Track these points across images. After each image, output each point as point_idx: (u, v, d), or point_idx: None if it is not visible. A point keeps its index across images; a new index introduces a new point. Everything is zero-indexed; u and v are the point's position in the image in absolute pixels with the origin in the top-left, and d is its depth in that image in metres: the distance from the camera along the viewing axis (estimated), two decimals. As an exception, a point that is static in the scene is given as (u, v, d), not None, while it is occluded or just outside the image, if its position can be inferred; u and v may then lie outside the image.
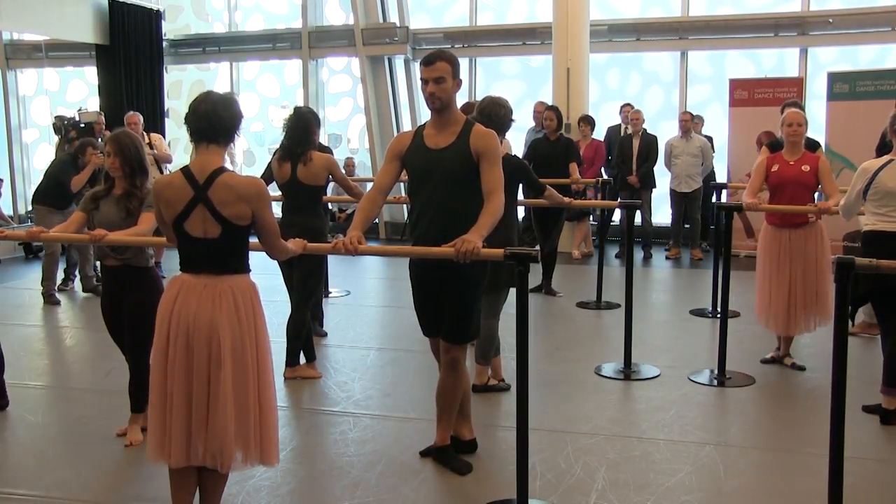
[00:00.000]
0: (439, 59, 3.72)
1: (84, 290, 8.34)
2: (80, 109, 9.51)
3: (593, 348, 6.31)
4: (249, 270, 3.26)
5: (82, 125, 8.68)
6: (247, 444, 3.14)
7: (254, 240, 3.37)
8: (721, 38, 11.40)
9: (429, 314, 3.98)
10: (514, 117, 5.04)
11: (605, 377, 5.53)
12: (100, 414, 4.76)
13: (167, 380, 3.14)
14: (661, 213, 11.04)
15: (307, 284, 5.52)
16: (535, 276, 8.19)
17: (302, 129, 5.41)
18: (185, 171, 3.16)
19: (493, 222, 3.61)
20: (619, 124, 10.77)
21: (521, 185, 5.47)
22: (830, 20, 10.83)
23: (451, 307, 3.88)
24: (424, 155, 3.81)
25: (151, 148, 9.16)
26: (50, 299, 7.99)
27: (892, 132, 4.72)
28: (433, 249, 3.64)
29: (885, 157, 4.72)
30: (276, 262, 5.40)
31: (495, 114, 4.85)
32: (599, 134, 10.54)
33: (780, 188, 5.47)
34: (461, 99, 4.58)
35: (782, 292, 5.47)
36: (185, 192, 3.12)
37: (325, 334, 6.59)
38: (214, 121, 3.12)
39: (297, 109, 5.66)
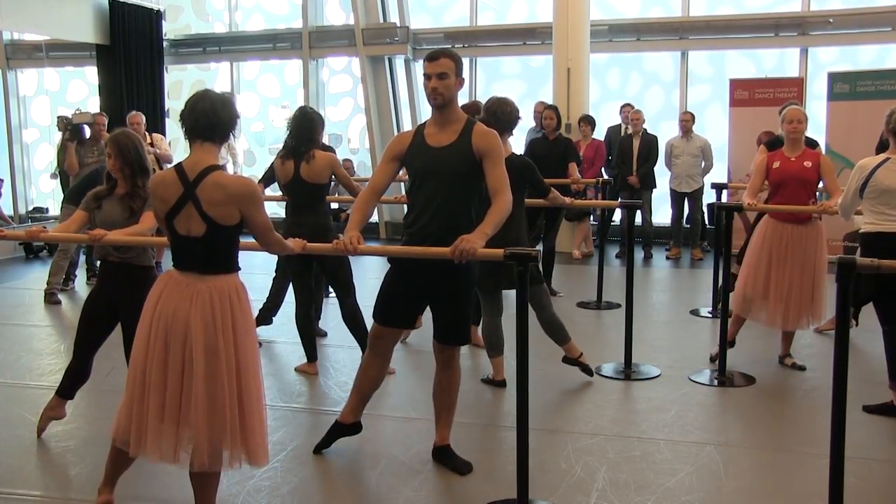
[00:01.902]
0: (443, 55, 3.74)
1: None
2: (76, 110, 9.52)
3: (593, 348, 6.29)
4: (237, 270, 3.24)
5: (70, 126, 8.67)
6: (226, 444, 3.13)
7: (252, 240, 3.38)
8: (721, 38, 11.41)
9: (400, 304, 3.93)
10: (520, 116, 5.07)
11: (606, 377, 5.53)
12: (100, 414, 4.76)
13: (145, 374, 3.15)
14: (662, 213, 11.04)
15: (340, 278, 5.63)
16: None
17: (306, 127, 5.43)
18: (178, 167, 3.17)
19: (500, 221, 3.61)
20: (620, 124, 10.77)
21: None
22: (830, 20, 10.83)
23: (444, 308, 3.88)
24: (426, 153, 3.81)
25: (153, 146, 9.16)
26: (51, 298, 7.99)
27: (888, 130, 4.72)
28: (431, 249, 3.64)
29: (882, 156, 4.72)
30: (283, 263, 5.41)
31: (502, 111, 4.88)
32: (600, 134, 10.53)
33: (781, 184, 5.46)
34: (462, 99, 4.58)
35: (782, 288, 5.47)
36: (176, 189, 3.13)
37: (325, 334, 6.59)
38: (213, 119, 3.13)
39: (301, 108, 5.68)
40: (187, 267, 3.17)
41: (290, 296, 5.82)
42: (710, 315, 7.18)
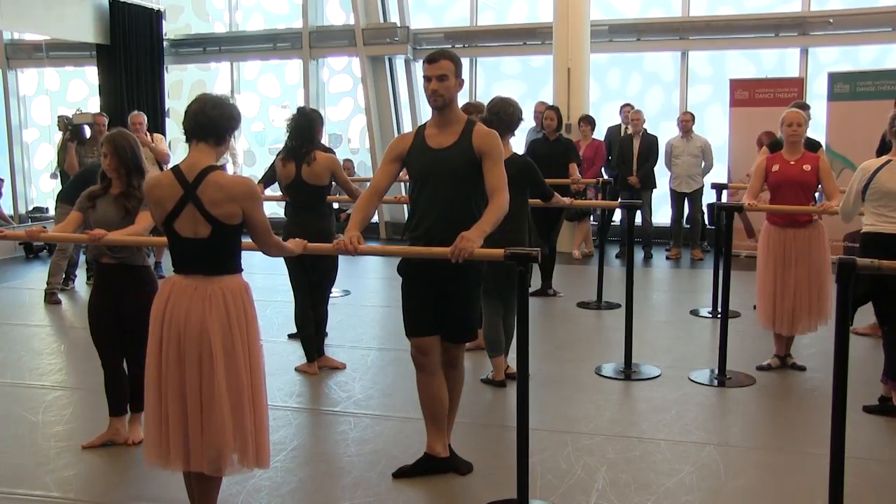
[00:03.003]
0: (443, 57, 3.73)
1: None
2: (77, 111, 9.52)
3: (593, 348, 6.31)
4: (241, 270, 3.26)
5: (71, 126, 8.67)
6: (244, 446, 3.14)
7: (250, 240, 3.38)
8: (721, 38, 11.40)
9: (424, 312, 3.90)
10: (523, 117, 5.07)
11: (606, 377, 5.53)
12: (100, 414, 4.75)
13: (161, 383, 3.15)
14: (662, 214, 11.04)
15: (323, 285, 5.70)
16: (534, 277, 8.19)
17: (306, 129, 5.44)
18: (175, 170, 3.18)
19: (498, 219, 3.61)
20: (620, 124, 10.76)
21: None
22: (831, 20, 10.83)
23: (451, 307, 3.87)
24: (427, 154, 3.81)
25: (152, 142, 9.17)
26: (51, 298, 7.99)
27: (892, 133, 4.73)
28: (433, 249, 3.64)
29: (884, 158, 4.72)
30: (281, 262, 5.44)
31: (504, 112, 4.89)
32: (600, 134, 10.53)
33: (780, 188, 5.46)
34: (462, 99, 4.58)
35: (788, 292, 5.46)
36: (175, 191, 3.13)
37: (326, 334, 6.58)
38: (202, 119, 3.15)
39: (300, 109, 5.68)
40: (192, 269, 3.17)
41: (290, 295, 5.81)
42: (710, 315, 7.18)
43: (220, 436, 3.08)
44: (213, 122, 3.16)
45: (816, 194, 5.74)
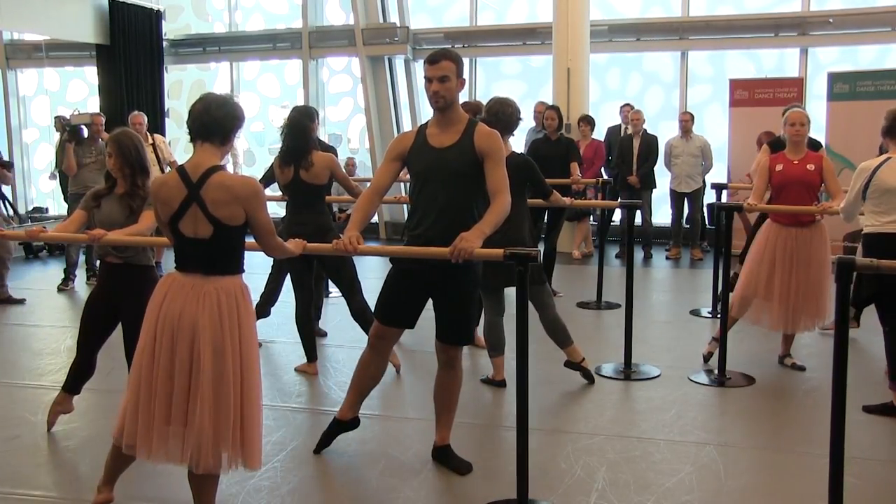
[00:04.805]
0: (444, 57, 3.72)
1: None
2: (75, 111, 9.51)
3: (593, 348, 6.29)
4: (241, 272, 3.26)
5: (68, 127, 8.66)
6: (227, 446, 3.14)
7: (251, 239, 3.38)
8: (721, 38, 11.42)
9: (403, 307, 3.92)
10: (521, 117, 5.07)
11: (606, 377, 5.53)
12: (100, 413, 4.76)
13: (151, 377, 3.15)
14: (662, 213, 11.05)
15: (343, 276, 5.60)
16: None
17: (298, 135, 5.43)
18: (181, 169, 3.19)
19: (498, 221, 3.61)
20: (619, 124, 10.77)
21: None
22: (830, 20, 10.83)
23: (449, 308, 3.88)
24: (428, 153, 3.81)
25: (155, 149, 9.18)
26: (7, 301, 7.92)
27: (886, 138, 4.74)
28: (432, 249, 3.64)
29: (884, 156, 4.73)
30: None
31: (502, 112, 4.89)
32: (599, 134, 10.53)
33: (785, 187, 5.45)
34: (462, 98, 4.58)
35: (788, 291, 5.46)
36: (180, 191, 3.14)
37: (325, 334, 6.59)
38: (206, 120, 3.15)
39: (289, 116, 5.63)
40: (192, 268, 3.17)
41: (290, 295, 5.81)
42: (710, 315, 7.18)
43: (200, 433, 3.08)
44: (217, 122, 3.16)
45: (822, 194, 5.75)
